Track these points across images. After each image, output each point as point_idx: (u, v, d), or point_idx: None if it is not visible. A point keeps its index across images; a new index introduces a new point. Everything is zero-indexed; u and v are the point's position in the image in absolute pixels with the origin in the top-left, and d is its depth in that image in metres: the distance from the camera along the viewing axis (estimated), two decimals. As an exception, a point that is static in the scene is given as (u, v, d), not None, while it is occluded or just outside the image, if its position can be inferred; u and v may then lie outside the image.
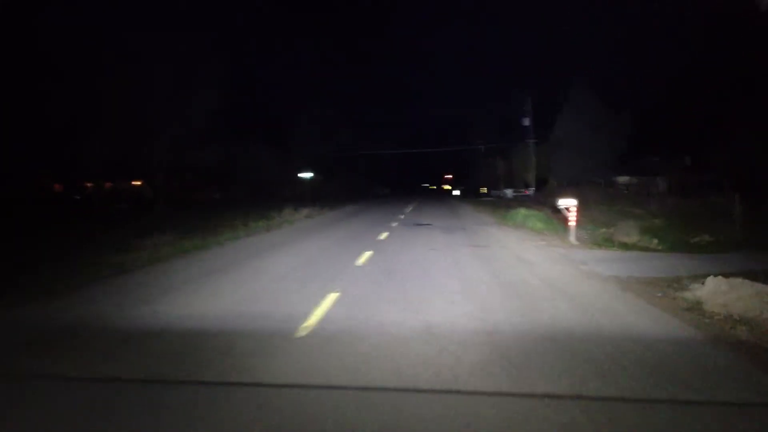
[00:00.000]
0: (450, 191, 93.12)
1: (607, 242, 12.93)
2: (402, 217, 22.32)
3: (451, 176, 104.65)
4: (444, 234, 14.51)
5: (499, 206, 31.19)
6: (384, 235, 13.93)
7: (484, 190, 64.36)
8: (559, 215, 16.60)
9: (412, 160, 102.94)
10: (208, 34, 29.61)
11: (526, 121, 41.28)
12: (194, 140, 30.50)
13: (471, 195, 64.89)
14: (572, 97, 43.59)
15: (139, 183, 48.64)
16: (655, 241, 13.23)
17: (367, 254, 10.04)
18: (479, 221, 19.55)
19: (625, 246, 12.16)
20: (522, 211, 18.53)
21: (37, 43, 22.06)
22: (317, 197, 43.42)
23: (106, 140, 24.90)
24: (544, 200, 35.24)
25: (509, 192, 53.01)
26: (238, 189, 48.04)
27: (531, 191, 43.54)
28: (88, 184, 48.90)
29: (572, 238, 12.65)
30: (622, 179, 48.29)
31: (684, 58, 38.89)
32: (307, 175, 37.69)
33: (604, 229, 16.71)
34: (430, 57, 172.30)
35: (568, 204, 12.61)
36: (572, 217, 12.64)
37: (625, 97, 43.47)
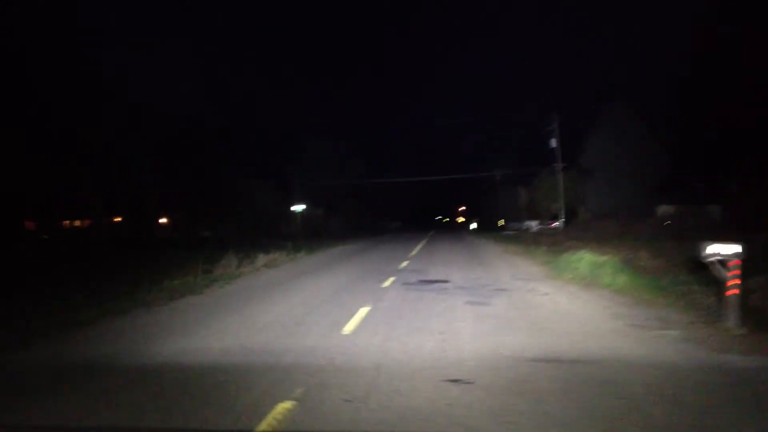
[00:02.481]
0: (464, 224, 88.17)
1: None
2: (405, 264, 15.68)
3: (464, 208, 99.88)
4: (473, 308, 8.03)
5: (529, 242, 24.74)
6: (358, 318, 7.28)
7: (502, 222, 58.65)
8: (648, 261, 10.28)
9: (425, 192, 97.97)
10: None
11: (553, 143, 35.32)
12: (152, 168, 24.98)
13: (487, 228, 58.95)
14: (607, 116, 38.09)
15: (119, 219, 44.07)
16: None
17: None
18: (518, 271, 13.09)
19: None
20: (586, 257, 12.07)
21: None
22: (314, 234, 37.44)
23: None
24: (577, 234, 29.00)
25: (534, 224, 46.88)
26: (230, 226, 42.40)
27: (560, 223, 37.61)
28: (67, 222, 44.30)
29: (733, 321, 6.26)
30: (663, 209, 42.20)
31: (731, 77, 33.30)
32: (299, 207, 31.49)
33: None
34: (446, 80, 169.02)
35: (727, 253, 6.20)
36: (734, 281, 6.23)
37: (665, 117, 38.13)
